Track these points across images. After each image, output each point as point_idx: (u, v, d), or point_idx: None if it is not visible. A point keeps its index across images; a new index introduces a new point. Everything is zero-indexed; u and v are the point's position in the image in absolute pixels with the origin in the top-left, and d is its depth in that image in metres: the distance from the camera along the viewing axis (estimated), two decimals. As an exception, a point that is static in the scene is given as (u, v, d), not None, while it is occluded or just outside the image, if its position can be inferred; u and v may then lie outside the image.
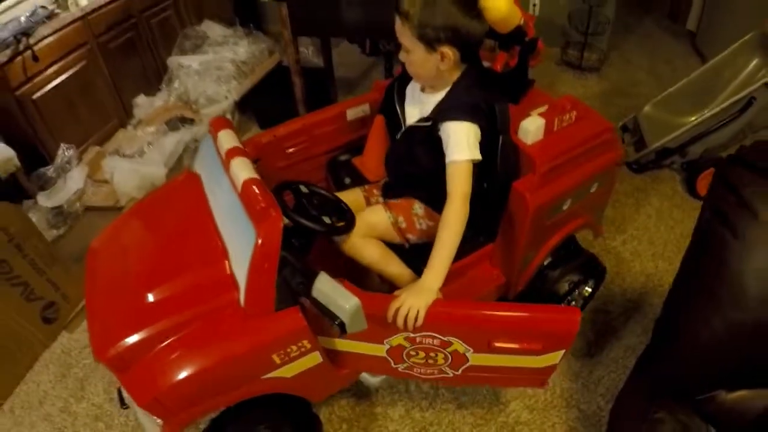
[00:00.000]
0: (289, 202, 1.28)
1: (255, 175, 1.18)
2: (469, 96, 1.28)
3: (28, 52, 2.22)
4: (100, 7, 2.58)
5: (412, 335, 1.20)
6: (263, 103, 2.96)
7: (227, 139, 1.32)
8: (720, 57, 2.44)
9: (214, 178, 1.32)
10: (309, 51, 3.24)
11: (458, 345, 1.21)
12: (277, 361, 1.16)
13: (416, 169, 1.38)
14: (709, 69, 2.45)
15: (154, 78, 2.99)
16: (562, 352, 1.20)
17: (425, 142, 1.30)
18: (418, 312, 1.12)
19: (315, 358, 1.22)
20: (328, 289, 1.06)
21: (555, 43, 3.33)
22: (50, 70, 2.37)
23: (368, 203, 1.51)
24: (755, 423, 1.05)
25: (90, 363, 1.86)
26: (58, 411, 1.73)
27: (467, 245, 1.41)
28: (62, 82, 2.44)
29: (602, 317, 1.87)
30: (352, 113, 1.75)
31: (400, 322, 1.12)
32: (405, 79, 1.42)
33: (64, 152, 2.47)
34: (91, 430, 1.67)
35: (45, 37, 2.30)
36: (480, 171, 1.30)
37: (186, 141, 2.68)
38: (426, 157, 1.32)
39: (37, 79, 2.31)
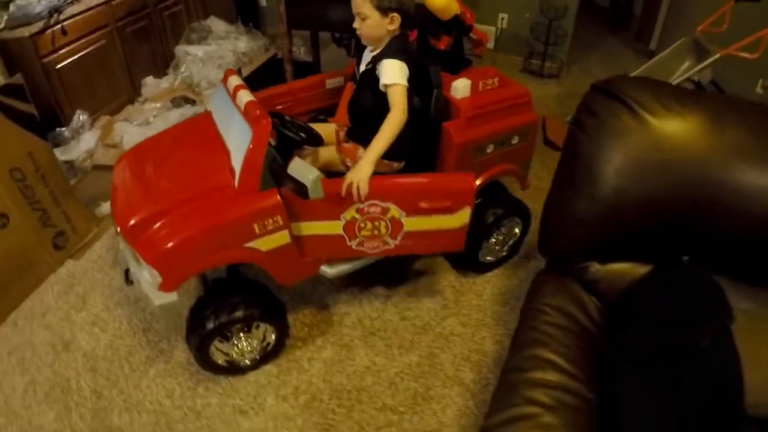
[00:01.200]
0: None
1: (254, 99, 1.60)
2: (397, 45, 1.68)
3: (58, 27, 2.60)
4: (122, -4, 2.99)
5: (361, 206, 1.59)
6: (258, 89, 3.33)
7: (235, 80, 1.77)
8: (658, 58, 2.84)
9: (223, 109, 1.75)
10: (301, 50, 3.65)
11: (394, 210, 1.63)
12: (257, 230, 1.53)
13: (365, 107, 1.75)
14: (649, 68, 2.84)
15: (162, 63, 3.38)
16: (468, 210, 1.67)
17: (370, 83, 1.69)
18: (361, 184, 1.51)
19: (284, 237, 1.58)
20: (298, 166, 1.48)
21: (520, 53, 3.74)
22: (74, 45, 2.76)
23: (337, 138, 1.88)
24: (626, 291, 1.31)
25: (92, 280, 2.18)
26: (59, 320, 2.02)
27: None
28: (83, 56, 2.82)
29: (535, 264, 2.20)
30: (330, 83, 2.13)
31: (354, 192, 1.51)
32: (361, 48, 1.82)
33: (79, 117, 2.83)
34: (88, 334, 1.97)
35: (73, 16, 2.68)
36: (418, 117, 1.68)
37: (188, 115, 3.04)
38: (370, 95, 1.70)
39: (62, 51, 2.69)
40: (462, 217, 1.69)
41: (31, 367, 1.86)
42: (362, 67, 1.78)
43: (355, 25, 1.67)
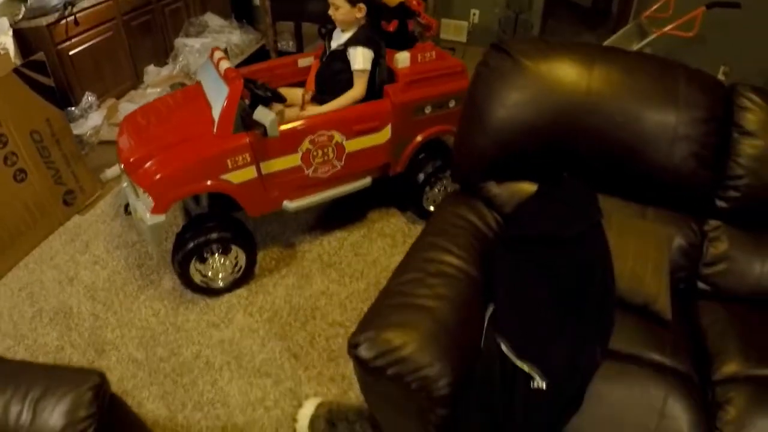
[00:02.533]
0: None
1: (232, 66, 2.00)
2: (366, 35, 2.09)
3: (71, 18, 2.99)
4: (129, -8, 3.39)
5: (312, 136, 1.99)
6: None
7: (219, 54, 2.14)
8: (609, 41, 3.18)
9: (209, 76, 2.12)
10: (289, 44, 4.02)
11: (338, 136, 2.09)
12: (229, 165, 1.91)
13: (330, 77, 2.17)
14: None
15: (163, 53, 3.77)
16: (389, 127, 2.16)
17: (339, 59, 2.12)
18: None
19: (251, 172, 1.98)
20: (260, 112, 1.87)
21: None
22: (85, 35, 3.14)
23: (302, 100, 2.27)
24: (517, 207, 1.60)
25: (95, 230, 2.54)
26: (65, 261, 2.38)
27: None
28: (93, 45, 3.21)
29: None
30: (301, 62, 2.50)
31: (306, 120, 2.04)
32: (332, 30, 2.23)
33: (88, 98, 3.21)
34: (90, 271, 2.32)
35: (85, 9, 3.07)
36: (370, 80, 2.09)
37: (183, 98, 3.42)
38: (336, 69, 2.13)
39: (74, 40, 3.08)
40: (386, 133, 2.17)
41: (40, 299, 2.21)
42: (334, 45, 2.17)
43: (330, 11, 2.10)
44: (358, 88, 2.10)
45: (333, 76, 2.16)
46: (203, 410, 1.77)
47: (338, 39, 2.16)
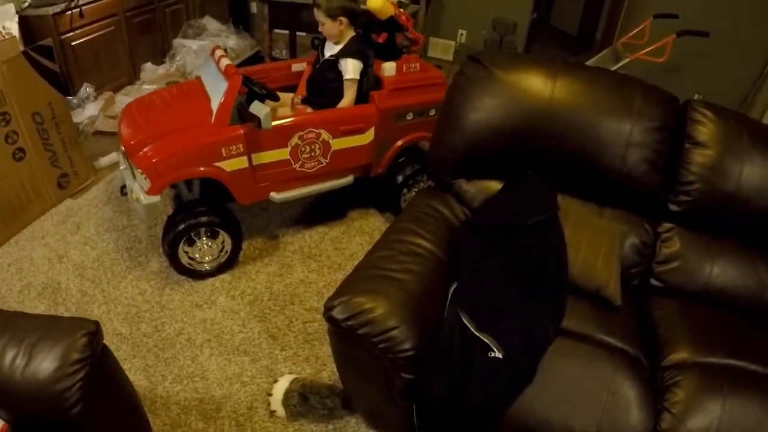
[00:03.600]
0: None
1: (232, 63, 2.13)
2: (357, 47, 2.27)
3: (77, 10, 3.11)
4: (132, -10, 3.53)
5: (301, 133, 2.13)
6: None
7: (221, 52, 2.27)
8: (587, 63, 3.36)
9: (209, 72, 2.25)
10: (282, 52, 4.18)
11: (325, 134, 2.22)
12: (224, 153, 2.03)
13: (322, 83, 2.34)
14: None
15: (161, 52, 3.90)
16: (373, 130, 2.30)
17: (331, 68, 2.29)
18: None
19: (243, 162, 2.10)
20: (255, 106, 1.99)
21: (475, 63, 4.28)
22: (88, 27, 3.26)
23: (292, 102, 2.43)
24: (484, 203, 1.74)
25: (87, 213, 2.63)
26: (56, 241, 2.46)
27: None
28: (95, 38, 3.33)
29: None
30: (295, 67, 2.65)
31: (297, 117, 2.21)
32: (324, 40, 2.41)
33: (86, 89, 3.32)
34: (80, 251, 2.41)
35: (90, 2, 3.20)
36: (358, 87, 2.26)
37: (178, 95, 3.54)
38: (330, 75, 2.30)
39: (77, 31, 3.19)
40: (369, 135, 2.32)
41: (28, 275, 2.28)
42: (326, 54, 2.35)
43: (320, 28, 2.29)
44: (348, 97, 2.28)
45: (325, 83, 2.33)
46: (183, 383, 1.86)
47: (331, 49, 2.34)
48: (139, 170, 1.99)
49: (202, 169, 2.03)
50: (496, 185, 1.79)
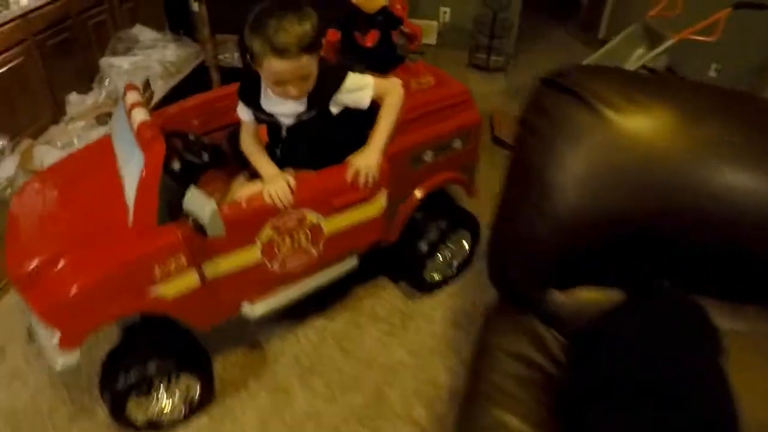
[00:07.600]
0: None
1: (149, 119, 1.41)
2: (330, 71, 1.45)
3: (-33, 45, 2.37)
4: (41, 7, 2.75)
5: (275, 221, 1.44)
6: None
7: (133, 97, 1.54)
8: (609, 45, 2.80)
9: (120, 132, 1.53)
10: (234, 56, 3.46)
11: (311, 216, 1.50)
12: (158, 273, 1.34)
13: (306, 154, 1.56)
14: (599, 57, 2.79)
15: (87, 77, 3.16)
16: (384, 192, 1.59)
17: (313, 129, 1.50)
18: (371, 171, 1.46)
19: (192, 280, 1.40)
20: (193, 198, 1.28)
21: (464, 47, 3.64)
22: (-12, 64, 2.52)
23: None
24: (593, 321, 1.13)
25: (10, 329, 1.94)
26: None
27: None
28: (0, 75, 2.58)
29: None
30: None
31: (361, 180, 1.47)
32: (247, 90, 1.55)
33: (-4, 143, 2.61)
34: (7, 389, 1.74)
35: (-16, 31, 2.45)
36: (336, 125, 1.51)
37: (115, 133, 2.85)
38: (315, 140, 1.53)
39: (-26, 72, 2.46)
40: (379, 203, 1.59)
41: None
42: (288, 121, 1.51)
43: (296, 89, 1.38)
44: (392, 92, 1.49)
45: (313, 149, 1.55)
46: None
47: (293, 110, 1.47)
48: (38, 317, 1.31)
49: (130, 304, 1.35)
50: (606, 294, 1.18)
